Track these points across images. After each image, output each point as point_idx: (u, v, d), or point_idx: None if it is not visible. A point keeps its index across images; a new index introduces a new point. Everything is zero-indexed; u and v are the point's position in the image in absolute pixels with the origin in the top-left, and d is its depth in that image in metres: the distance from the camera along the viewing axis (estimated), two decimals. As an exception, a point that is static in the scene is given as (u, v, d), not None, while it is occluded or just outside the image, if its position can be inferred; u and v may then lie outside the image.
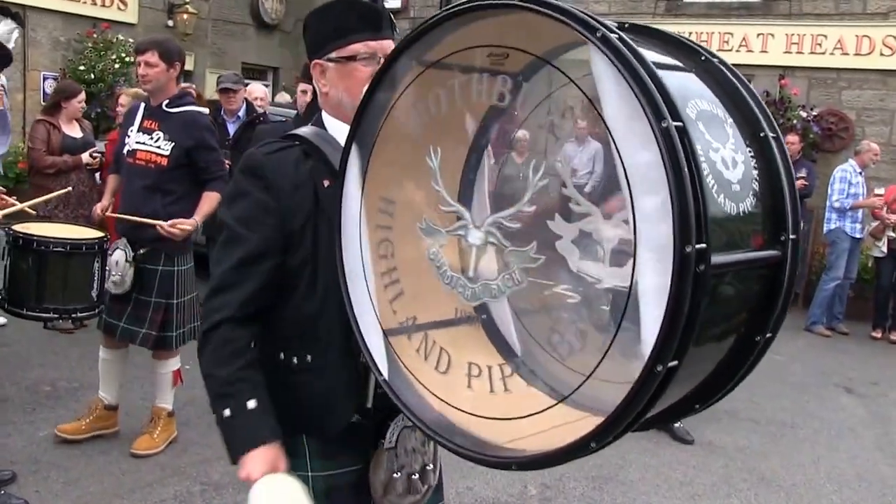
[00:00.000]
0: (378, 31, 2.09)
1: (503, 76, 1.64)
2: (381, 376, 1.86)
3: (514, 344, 1.81)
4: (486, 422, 1.70)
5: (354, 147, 1.86)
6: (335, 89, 2.11)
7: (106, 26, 12.52)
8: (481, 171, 1.81)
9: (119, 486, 4.40)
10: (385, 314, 1.88)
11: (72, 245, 4.20)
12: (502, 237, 1.67)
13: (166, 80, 4.59)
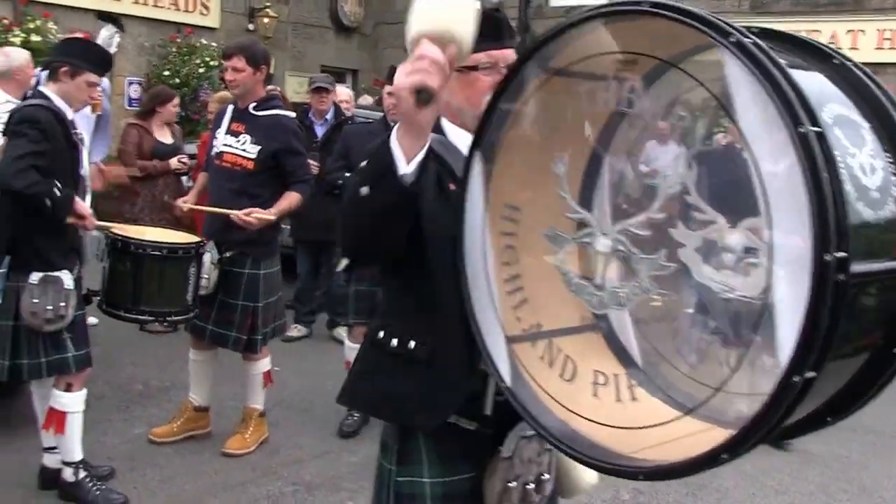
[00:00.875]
0: (499, 40, 2.09)
1: (629, 82, 1.61)
2: (504, 383, 1.84)
3: (633, 353, 1.78)
4: (612, 431, 1.68)
5: (478, 154, 1.85)
6: (455, 98, 2.10)
7: (189, 31, 12.80)
8: (602, 178, 1.78)
9: (212, 485, 4.47)
10: (508, 320, 1.86)
11: (168, 249, 4.25)
12: (631, 245, 1.65)
13: (253, 83, 4.63)
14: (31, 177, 3.71)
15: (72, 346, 3.97)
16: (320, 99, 7.05)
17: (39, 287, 3.82)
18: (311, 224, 6.85)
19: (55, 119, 3.87)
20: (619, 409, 1.72)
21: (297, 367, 6.38)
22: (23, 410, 5.14)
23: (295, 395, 5.85)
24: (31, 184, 3.71)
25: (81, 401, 4.11)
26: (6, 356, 3.93)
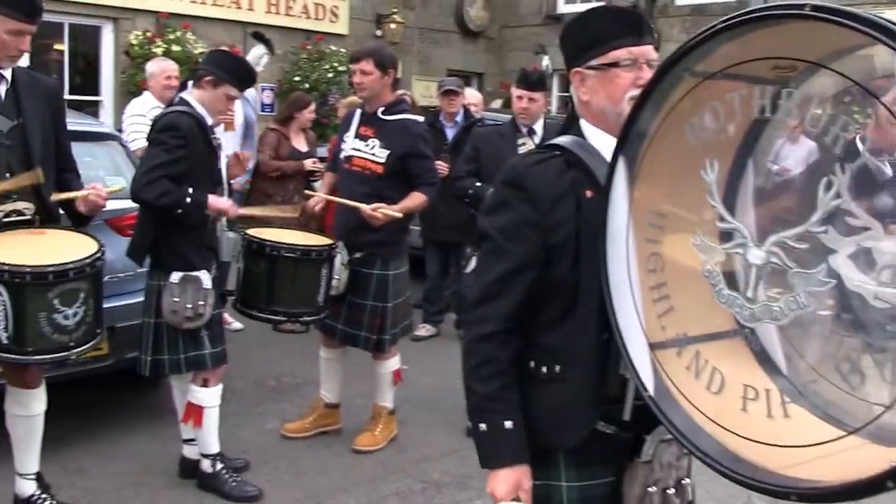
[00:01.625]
0: (639, 36, 2.07)
1: (782, 87, 1.57)
2: (647, 392, 1.83)
3: (784, 367, 1.72)
4: (761, 447, 1.64)
5: (622, 159, 1.84)
6: (596, 97, 2.09)
7: (319, 38, 13.09)
8: (747, 185, 1.73)
9: (343, 480, 4.56)
10: (652, 329, 1.84)
11: (302, 251, 4.35)
12: (786, 258, 1.59)
13: (381, 87, 4.68)
14: (161, 188, 3.86)
15: (209, 344, 4.12)
16: (450, 102, 7.09)
17: (179, 286, 3.98)
18: (440, 225, 6.92)
19: (196, 125, 4.01)
20: (769, 425, 1.66)
21: (425, 366, 6.46)
22: (165, 402, 5.37)
23: (423, 393, 5.91)
24: (160, 195, 3.87)
25: (217, 396, 4.26)
26: (149, 352, 4.12)
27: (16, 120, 3.57)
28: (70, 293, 3.41)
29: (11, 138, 3.54)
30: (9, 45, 3.47)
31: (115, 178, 5.09)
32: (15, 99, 3.59)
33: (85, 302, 3.47)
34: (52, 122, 3.74)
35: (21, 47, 3.50)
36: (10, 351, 3.38)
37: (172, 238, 4.01)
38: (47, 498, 3.97)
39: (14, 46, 3.48)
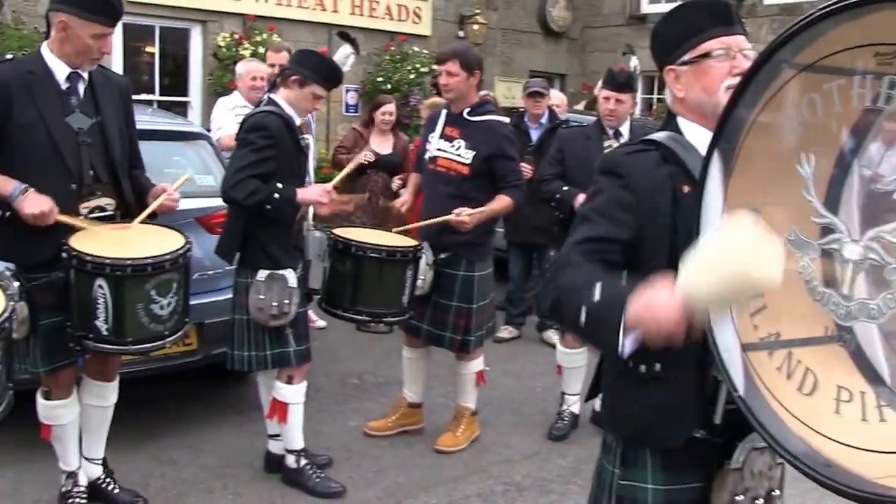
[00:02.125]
0: (730, 25, 2.05)
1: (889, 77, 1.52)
2: (737, 393, 1.78)
3: (882, 370, 1.65)
4: (854, 452, 1.58)
5: (717, 152, 1.80)
6: (691, 91, 2.07)
7: (402, 39, 13.18)
8: (850, 181, 1.67)
9: (425, 480, 4.57)
10: (744, 328, 1.79)
11: (387, 251, 4.36)
12: (884, 253, 1.54)
13: (467, 88, 4.65)
14: (249, 186, 3.92)
15: (293, 341, 4.16)
16: (535, 103, 7.05)
17: (265, 284, 4.03)
18: (524, 227, 6.90)
19: (284, 125, 4.06)
20: (864, 429, 1.60)
21: (507, 367, 6.45)
22: (250, 397, 5.46)
23: (505, 395, 5.90)
24: (249, 194, 3.93)
25: (302, 393, 4.31)
26: (237, 348, 4.19)
27: (95, 118, 3.66)
28: (165, 284, 3.51)
29: (91, 135, 3.63)
30: (92, 48, 3.55)
31: (205, 176, 5.22)
32: (93, 97, 3.68)
33: (177, 292, 3.57)
34: (125, 118, 3.84)
35: (103, 49, 3.59)
36: (110, 342, 3.49)
37: (260, 236, 4.06)
38: (111, 482, 4.10)
39: (97, 49, 3.56)
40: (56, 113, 3.54)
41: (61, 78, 3.59)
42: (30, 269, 3.56)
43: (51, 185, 3.47)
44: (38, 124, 3.49)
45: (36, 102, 3.50)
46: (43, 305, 3.55)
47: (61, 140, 3.53)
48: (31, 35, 9.60)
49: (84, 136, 3.60)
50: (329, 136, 12.23)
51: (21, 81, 3.49)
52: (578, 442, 5.17)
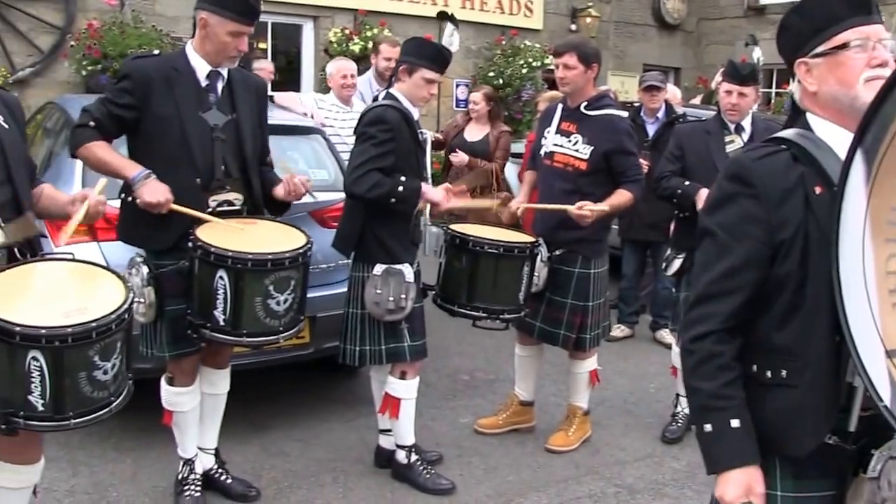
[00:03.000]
0: (868, 14, 1.94)
1: None
2: (882, 402, 1.68)
3: None
4: None
5: (860, 152, 1.69)
6: (825, 85, 1.96)
7: (514, 33, 13.08)
8: None
9: (535, 479, 4.50)
10: (890, 334, 1.69)
11: (505, 248, 4.30)
12: None
13: (584, 81, 4.54)
14: (371, 180, 3.91)
15: (408, 337, 4.14)
16: (651, 97, 6.86)
17: (382, 278, 4.01)
18: (638, 223, 6.76)
19: (402, 118, 4.03)
20: None
21: (619, 367, 6.32)
22: (360, 392, 5.49)
23: (617, 395, 5.78)
24: (371, 187, 3.92)
25: (414, 389, 4.28)
26: (351, 342, 4.19)
27: (230, 115, 3.74)
28: (284, 280, 3.53)
29: (226, 132, 3.70)
30: (229, 45, 3.62)
31: (318, 170, 5.25)
32: (230, 95, 3.76)
33: (294, 290, 3.59)
34: (259, 117, 3.90)
35: (240, 47, 3.66)
36: (226, 332, 3.55)
37: (377, 231, 4.05)
38: (224, 472, 4.17)
39: (234, 47, 3.63)
40: (192, 108, 3.62)
41: (202, 75, 3.68)
42: (159, 255, 3.66)
43: (176, 177, 3.55)
44: (173, 118, 3.58)
45: (174, 97, 3.59)
46: (170, 292, 3.65)
47: (193, 135, 3.61)
48: (149, 33, 9.90)
49: (218, 133, 3.67)
50: (439, 130, 12.23)
51: (164, 76, 3.60)
52: (693, 445, 4.95)
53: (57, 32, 10.00)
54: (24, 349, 2.62)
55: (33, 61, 9.95)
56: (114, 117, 3.58)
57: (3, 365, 2.67)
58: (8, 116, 3.02)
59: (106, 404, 2.85)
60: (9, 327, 2.59)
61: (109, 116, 3.57)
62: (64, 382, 2.69)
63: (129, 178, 3.50)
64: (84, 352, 2.71)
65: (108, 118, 3.57)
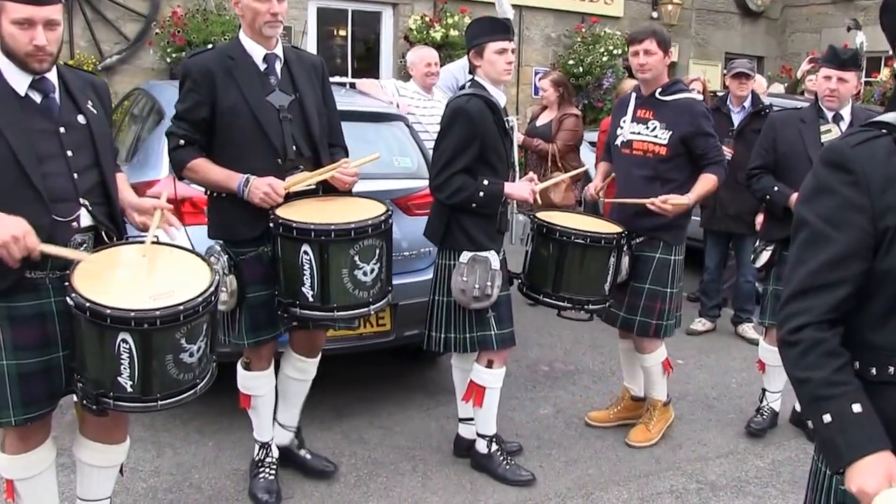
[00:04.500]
0: None
1: None
2: None
3: None
4: None
5: None
6: None
7: (594, 21, 12.92)
8: None
9: (615, 473, 4.44)
10: None
11: (592, 238, 4.24)
12: None
13: (662, 67, 4.50)
14: (455, 184, 3.91)
15: (495, 325, 4.11)
16: (740, 85, 6.66)
17: (468, 266, 3.98)
18: (721, 214, 6.62)
19: (486, 106, 3.99)
20: None
21: (701, 361, 6.20)
22: (439, 380, 5.49)
23: (698, 390, 5.67)
24: (454, 192, 3.93)
25: (500, 378, 4.25)
26: (437, 329, 4.18)
27: (293, 95, 3.74)
28: (368, 249, 3.53)
29: (292, 112, 3.71)
30: (260, 11, 3.58)
31: (402, 158, 5.24)
32: (289, 75, 3.76)
33: (380, 259, 3.59)
34: (321, 94, 3.89)
35: (272, 10, 3.61)
36: (316, 308, 3.55)
37: (464, 219, 4.03)
38: (302, 449, 4.22)
39: (266, 11, 3.59)
40: (257, 93, 3.63)
41: (258, 60, 3.69)
42: (238, 243, 3.69)
43: (259, 162, 3.59)
44: (241, 105, 3.60)
45: (238, 85, 3.61)
46: (250, 279, 3.68)
47: (264, 118, 3.62)
48: (232, 20, 10.00)
49: (285, 113, 3.68)
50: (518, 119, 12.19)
51: (223, 67, 3.61)
52: (776, 443, 4.90)
53: (143, 20, 10.20)
54: (115, 331, 2.68)
55: (120, 49, 10.17)
56: (197, 124, 3.61)
57: (94, 346, 2.74)
58: (96, 101, 3.10)
59: (191, 386, 2.90)
60: (100, 310, 2.65)
61: (192, 126, 3.61)
62: (152, 364, 2.75)
63: (235, 192, 3.56)
64: (171, 334, 2.76)
65: (191, 129, 3.61)
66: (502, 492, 4.18)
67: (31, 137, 2.83)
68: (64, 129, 2.92)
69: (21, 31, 2.74)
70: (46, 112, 2.90)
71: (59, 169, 2.88)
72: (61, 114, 2.93)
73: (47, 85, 2.90)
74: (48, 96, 2.91)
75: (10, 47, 2.78)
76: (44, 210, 2.80)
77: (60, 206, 2.85)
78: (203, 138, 3.64)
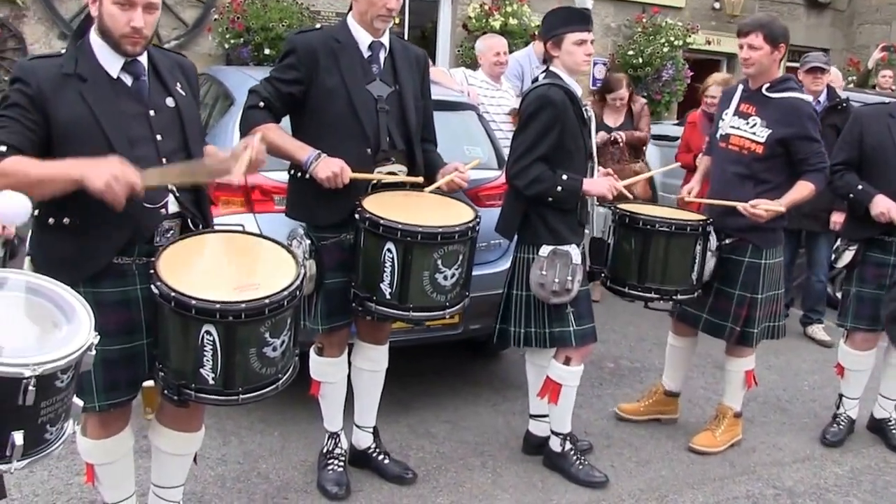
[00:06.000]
0: None
1: None
2: None
3: None
4: None
5: None
6: None
7: (655, 11, 12.70)
8: None
9: (689, 476, 4.32)
10: None
11: (677, 225, 4.14)
12: None
13: (769, 63, 4.29)
14: (533, 173, 3.83)
15: (574, 321, 4.00)
16: (815, 79, 6.42)
17: (548, 260, 3.89)
18: (794, 211, 6.38)
19: (566, 97, 3.90)
20: None
21: (769, 362, 6.02)
22: (506, 376, 5.40)
23: (770, 391, 5.51)
24: (531, 182, 3.84)
25: (578, 375, 4.15)
26: (514, 323, 4.08)
27: (393, 86, 3.68)
28: (452, 255, 3.45)
29: (390, 103, 3.65)
30: (376, 3, 3.55)
31: (473, 147, 5.15)
32: (392, 66, 3.70)
33: (461, 265, 3.51)
34: (420, 88, 3.83)
35: (388, 5, 3.56)
36: (392, 306, 3.48)
37: (543, 211, 3.93)
38: (381, 452, 4.13)
39: (382, 4, 3.55)
40: (358, 80, 3.59)
41: (364, 47, 3.64)
42: (321, 228, 3.64)
43: (347, 148, 3.52)
44: (340, 90, 3.55)
45: (340, 69, 3.56)
46: (330, 265, 3.63)
47: (361, 106, 3.57)
48: (290, 7, 9.96)
49: (383, 104, 3.62)
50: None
51: (327, 48, 3.56)
52: (854, 450, 4.75)
53: (201, 6, 10.19)
54: (199, 322, 2.63)
55: (178, 34, 10.16)
56: (283, 95, 3.56)
57: (178, 337, 2.71)
58: (185, 83, 3.06)
59: (273, 381, 2.85)
60: (185, 300, 2.60)
61: (278, 95, 3.56)
62: (235, 357, 2.70)
63: (302, 162, 3.48)
64: (256, 328, 2.71)
65: (276, 97, 3.56)
66: (574, 492, 4.08)
67: (124, 121, 2.80)
68: (154, 112, 2.88)
69: (121, 12, 2.71)
70: (137, 95, 2.87)
71: (148, 153, 2.83)
72: (151, 97, 2.90)
73: (139, 68, 2.87)
74: (139, 79, 2.88)
75: (108, 27, 2.75)
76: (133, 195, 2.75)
77: (150, 192, 2.79)
78: (283, 110, 3.61)
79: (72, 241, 2.77)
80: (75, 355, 2.10)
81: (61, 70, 2.75)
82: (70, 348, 2.10)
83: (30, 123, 2.67)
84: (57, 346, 2.09)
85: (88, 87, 2.75)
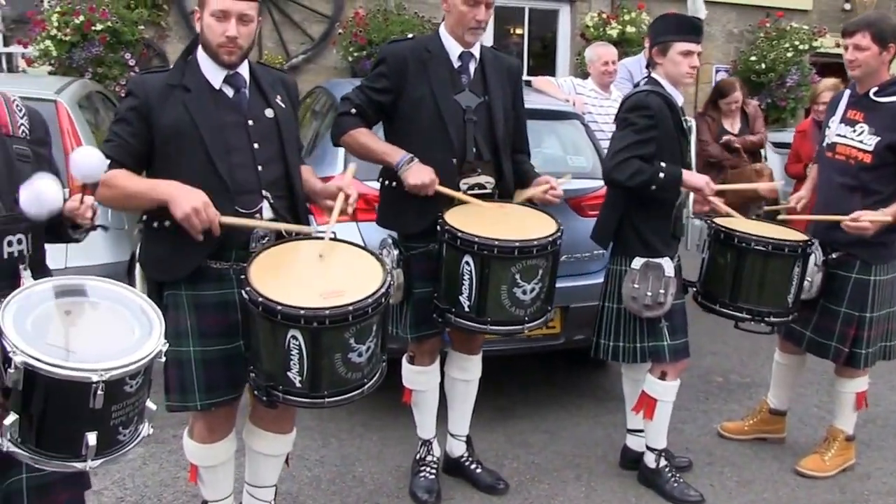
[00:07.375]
0: None
1: None
2: None
3: None
4: None
5: None
6: None
7: (780, 14, 12.32)
8: None
9: (793, 500, 4.14)
10: None
11: (774, 245, 3.96)
12: None
13: (877, 64, 4.04)
14: (632, 167, 3.73)
15: (668, 335, 3.92)
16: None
17: (641, 272, 3.83)
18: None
19: (665, 104, 3.82)
20: None
21: (891, 382, 5.71)
22: (609, 387, 5.33)
23: (891, 414, 5.23)
24: (632, 174, 3.74)
25: (674, 391, 4.07)
26: (606, 336, 4.03)
27: (483, 97, 3.70)
28: (531, 269, 3.42)
29: (478, 114, 3.68)
30: (466, 16, 3.59)
31: (576, 157, 5.13)
32: (482, 77, 3.73)
33: (542, 279, 3.47)
34: (512, 99, 3.83)
35: (478, 17, 3.59)
36: (471, 318, 3.49)
37: (637, 223, 3.87)
38: (474, 461, 4.14)
39: (471, 17, 3.59)
40: (446, 90, 3.64)
41: (454, 56, 3.69)
42: (409, 237, 3.69)
43: (433, 158, 3.56)
44: (428, 99, 3.61)
45: (429, 78, 3.62)
46: (418, 275, 3.67)
47: (448, 116, 3.61)
48: (411, 19, 10.18)
49: (471, 114, 3.65)
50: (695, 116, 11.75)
51: (417, 57, 3.63)
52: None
53: (327, 21, 10.53)
54: (285, 327, 2.71)
55: (305, 49, 10.55)
56: (373, 102, 3.65)
57: (267, 340, 2.79)
58: (284, 96, 3.18)
59: (359, 385, 2.89)
60: (272, 305, 2.68)
61: (369, 102, 3.65)
62: (320, 362, 2.75)
63: (394, 164, 3.55)
64: (340, 334, 2.75)
65: (367, 104, 3.65)
66: (669, 510, 4.00)
67: (222, 130, 2.95)
68: (252, 122, 3.02)
69: (217, 23, 2.88)
70: (237, 106, 3.02)
71: (244, 160, 2.98)
72: (250, 108, 3.04)
73: (239, 80, 3.03)
74: (239, 91, 3.03)
75: (207, 39, 2.92)
76: (228, 201, 2.89)
77: (244, 198, 2.95)
78: (375, 117, 3.71)
79: (168, 243, 2.93)
80: (143, 362, 2.19)
81: (168, 81, 2.95)
82: (138, 355, 2.19)
83: (133, 139, 2.90)
84: (126, 353, 2.18)
85: (191, 97, 2.93)
